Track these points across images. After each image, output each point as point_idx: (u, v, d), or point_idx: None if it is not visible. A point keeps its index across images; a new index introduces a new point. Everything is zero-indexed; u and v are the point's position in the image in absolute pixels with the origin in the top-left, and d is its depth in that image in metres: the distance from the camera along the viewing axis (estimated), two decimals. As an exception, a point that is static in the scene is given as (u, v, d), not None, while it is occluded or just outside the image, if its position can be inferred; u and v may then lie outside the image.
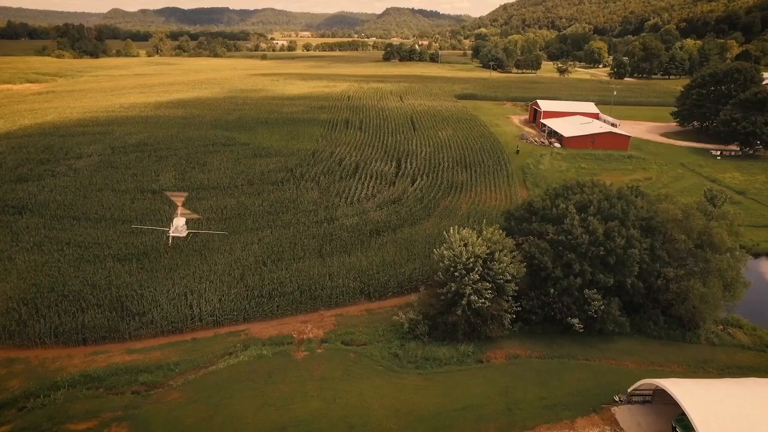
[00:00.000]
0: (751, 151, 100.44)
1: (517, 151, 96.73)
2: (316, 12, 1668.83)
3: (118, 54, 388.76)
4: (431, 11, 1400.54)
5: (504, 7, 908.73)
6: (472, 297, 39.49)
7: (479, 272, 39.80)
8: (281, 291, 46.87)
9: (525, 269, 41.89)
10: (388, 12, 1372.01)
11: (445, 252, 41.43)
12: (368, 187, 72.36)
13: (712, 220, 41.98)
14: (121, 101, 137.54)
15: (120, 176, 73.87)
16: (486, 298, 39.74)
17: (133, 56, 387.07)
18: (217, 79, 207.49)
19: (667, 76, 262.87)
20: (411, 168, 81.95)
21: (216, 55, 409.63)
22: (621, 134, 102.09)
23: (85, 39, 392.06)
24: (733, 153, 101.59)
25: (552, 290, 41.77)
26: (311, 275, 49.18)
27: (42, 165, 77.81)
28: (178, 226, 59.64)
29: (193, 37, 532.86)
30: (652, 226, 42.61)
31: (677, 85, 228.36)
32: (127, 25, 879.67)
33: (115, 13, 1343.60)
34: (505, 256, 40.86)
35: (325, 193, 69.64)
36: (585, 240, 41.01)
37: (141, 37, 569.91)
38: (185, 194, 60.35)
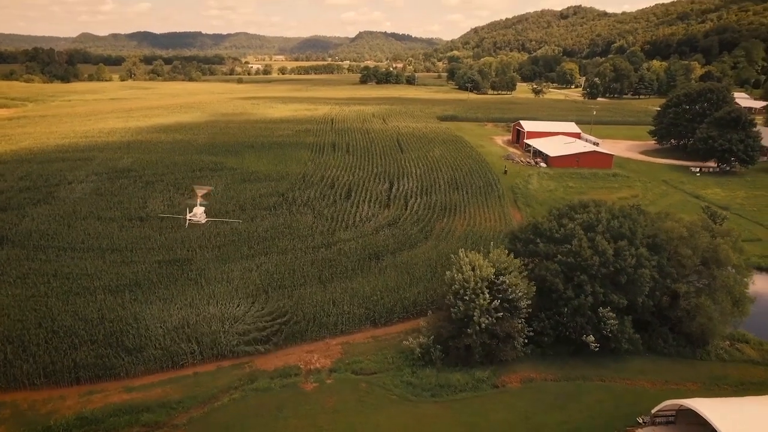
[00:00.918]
0: (727, 168, 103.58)
1: (505, 172, 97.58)
2: (289, 36, 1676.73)
3: (90, 78, 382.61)
4: (403, 35, 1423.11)
5: (475, 30, 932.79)
6: (482, 318, 38.92)
7: (488, 294, 39.38)
8: (285, 320, 45.36)
9: (534, 287, 41.63)
10: (361, 36, 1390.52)
11: (456, 275, 40.85)
12: (363, 211, 71.58)
13: (717, 237, 42.50)
14: (99, 126, 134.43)
15: (106, 203, 71.44)
16: (497, 317, 39.22)
17: (106, 80, 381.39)
18: (197, 103, 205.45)
19: (637, 96, 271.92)
20: (403, 190, 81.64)
21: (191, 79, 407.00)
22: (605, 153, 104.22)
23: (55, 63, 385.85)
24: (711, 169, 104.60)
25: (565, 309, 41.43)
26: (314, 302, 47.83)
27: (21, 193, 74.77)
28: (197, 212, 66.36)
29: (167, 61, 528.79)
30: (658, 244, 42.87)
31: (648, 104, 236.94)
32: (98, 50, 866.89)
33: (85, 37, 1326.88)
34: (514, 277, 40.57)
35: (320, 218, 68.56)
36: (596, 261, 40.94)
37: (113, 62, 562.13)
38: (210, 188, 68.13)
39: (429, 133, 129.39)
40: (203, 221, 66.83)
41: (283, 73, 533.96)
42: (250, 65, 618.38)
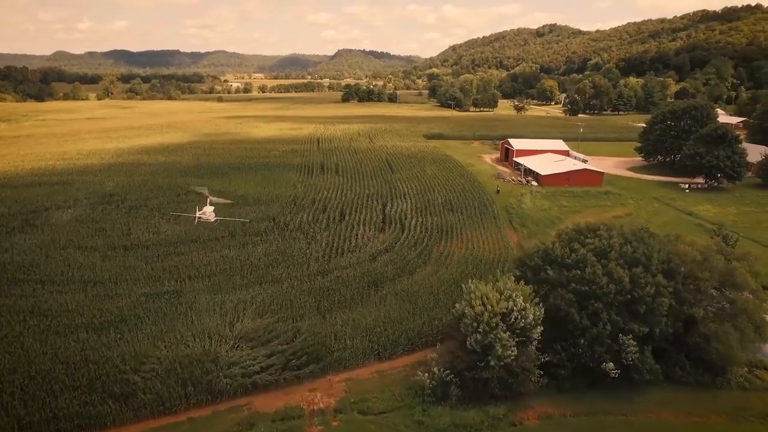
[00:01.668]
0: (715, 184, 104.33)
1: (498, 191, 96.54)
2: (268, 54, 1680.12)
3: (66, 97, 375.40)
4: (382, 52, 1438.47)
5: (453, 48, 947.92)
6: (500, 351, 36.82)
7: (503, 328, 37.37)
8: (285, 356, 42.53)
9: (543, 310, 39.75)
10: (340, 53, 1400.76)
11: (466, 310, 38.76)
12: (357, 235, 69.25)
13: (732, 260, 41.36)
14: (77, 148, 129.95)
15: (86, 231, 67.71)
16: (514, 351, 37.16)
17: (83, 99, 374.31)
18: (178, 122, 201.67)
19: (616, 112, 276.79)
20: (397, 212, 79.65)
21: (171, 98, 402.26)
22: (595, 171, 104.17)
23: (28, 81, 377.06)
24: (699, 186, 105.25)
25: (582, 340, 39.60)
26: (314, 336, 45.13)
27: (-6, 222, 70.61)
28: (207, 211, 72.41)
29: (145, 79, 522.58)
30: (672, 269, 41.53)
31: (628, 120, 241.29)
32: (73, 68, 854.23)
33: (60, 55, 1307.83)
34: (524, 301, 38.64)
35: (314, 243, 66.00)
36: (611, 290, 39.33)
37: (90, 80, 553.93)
38: (231, 202, 77.42)
39: (418, 153, 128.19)
40: (212, 220, 72.03)
41: (263, 92, 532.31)
42: (229, 83, 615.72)
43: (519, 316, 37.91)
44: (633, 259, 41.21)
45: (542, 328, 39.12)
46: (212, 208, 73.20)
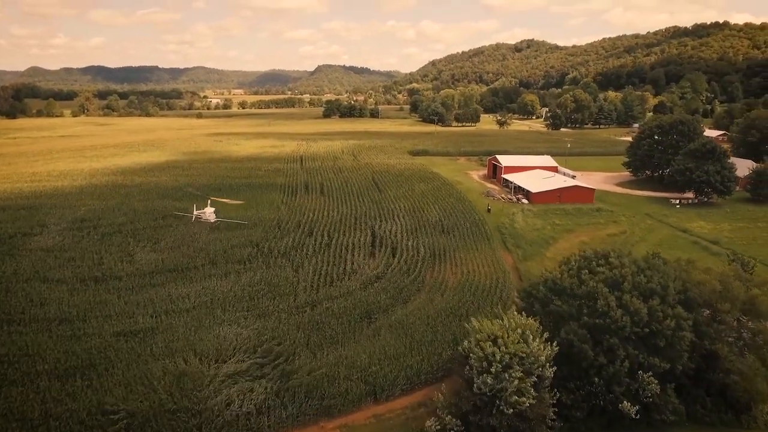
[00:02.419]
0: (705, 199, 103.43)
1: (489, 210, 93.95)
2: (247, 70, 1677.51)
3: (40, 114, 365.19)
4: (362, 68, 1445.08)
5: (433, 63, 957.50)
6: (514, 398, 33.39)
7: (518, 371, 33.97)
8: (274, 403, 38.43)
9: (557, 349, 36.54)
10: (320, 69, 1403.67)
11: (475, 350, 35.31)
12: (347, 261, 65.51)
13: (752, 288, 38.85)
14: (48, 168, 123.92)
15: (53, 262, 62.55)
16: (531, 396, 33.76)
17: (57, 116, 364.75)
18: (156, 140, 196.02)
19: (597, 126, 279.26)
20: (387, 234, 76.12)
21: (149, 115, 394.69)
22: (586, 187, 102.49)
23: (0, 98, 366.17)
24: (689, 201, 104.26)
25: (597, 379, 36.44)
26: (306, 377, 41.13)
27: (-50, 252, 65.13)
28: (207, 211, 77.44)
29: (123, 96, 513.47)
30: (690, 299, 38.83)
31: (610, 134, 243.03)
32: (48, 84, 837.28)
33: (35, 71, 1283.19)
34: (533, 340, 35.38)
35: (301, 271, 62.07)
36: (627, 322, 36.38)
37: (65, 96, 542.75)
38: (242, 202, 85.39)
39: (404, 170, 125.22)
40: (212, 220, 76.28)
41: (243, 108, 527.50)
42: (209, 99, 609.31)
43: (533, 358, 34.62)
44: (648, 290, 38.39)
45: (555, 368, 35.92)
46: (213, 209, 76.81)
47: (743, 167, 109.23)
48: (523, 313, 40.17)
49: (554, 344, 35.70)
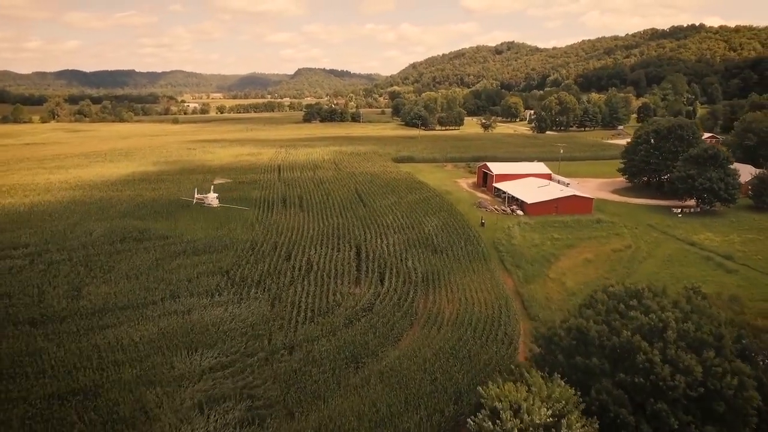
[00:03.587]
0: (708, 207, 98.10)
1: (482, 224, 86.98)
2: (227, 73, 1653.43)
3: (5, 120, 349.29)
4: (342, 71, 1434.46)
5: (413, 65, 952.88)
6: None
7: (547, 451, 26.85)
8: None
9: (597, 424, 29.55)
10: (300, 72, 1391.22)
11: (489, 425, 28.01)
12: (329, 291, 57.75)
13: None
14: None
15: (-18, 300, 53.59)
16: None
17: (25, 122, 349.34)
18: (125, 148, 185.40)
19: (582, 128, 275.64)
20: (373, 257, 68.48)
21: (122, 120, 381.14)
22: (584, 197, 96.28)
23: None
24: (691, 210, 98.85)
25: (643, 459, 29.40)
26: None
27: None
28: (209, 196, 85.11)
29: (97, 100, 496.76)
30: (747, 348, 32.11)
31: (595, 136, 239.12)
32: (20, 89, 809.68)
33: (5, 75, 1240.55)
34: (576, 420, 28.28)
35: (277, 305, 54.13)
36: (680, 381, 29.43)
37: (35, 101, 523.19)
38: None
39: (390, 180, 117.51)
40: (215, 205, 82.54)
41: (221, 112, 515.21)
42: (186, 104, 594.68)
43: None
44: (698, 340, 31.51)
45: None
46: (216, 194, 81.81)
47: (744, 173, 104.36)
48: (546, 369, 33.12)
49: (596, 422, 28.61)
